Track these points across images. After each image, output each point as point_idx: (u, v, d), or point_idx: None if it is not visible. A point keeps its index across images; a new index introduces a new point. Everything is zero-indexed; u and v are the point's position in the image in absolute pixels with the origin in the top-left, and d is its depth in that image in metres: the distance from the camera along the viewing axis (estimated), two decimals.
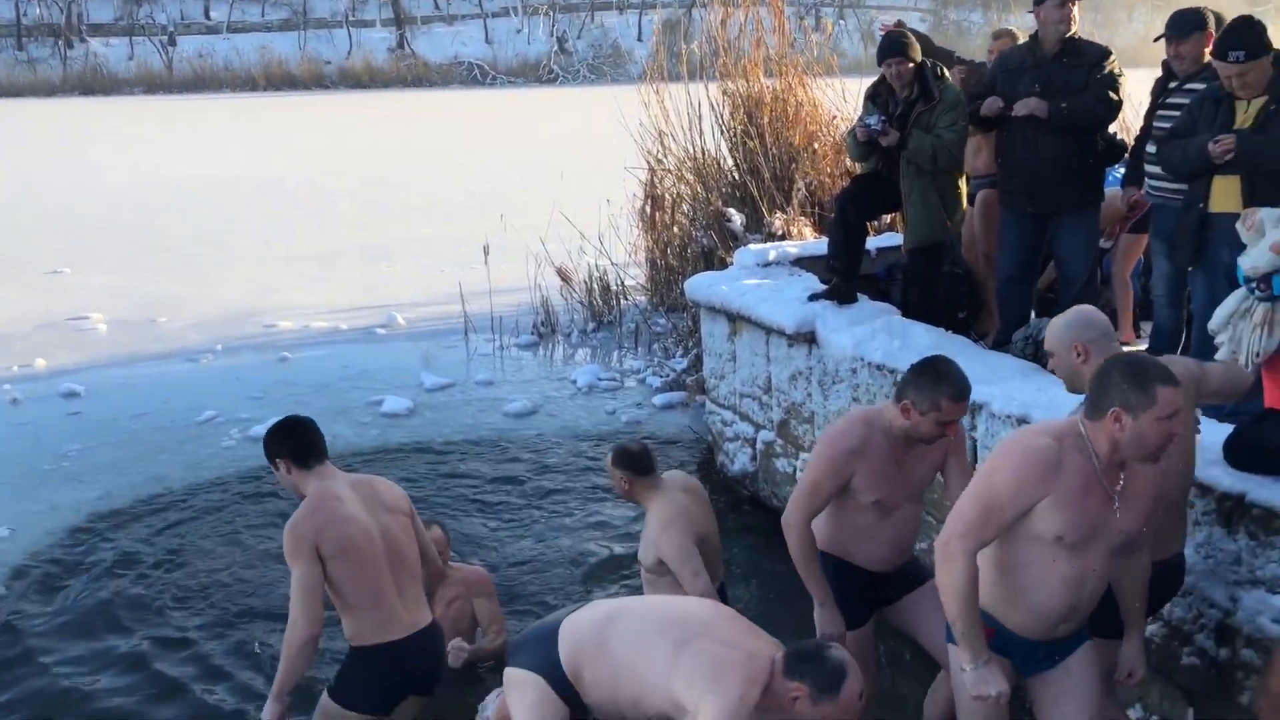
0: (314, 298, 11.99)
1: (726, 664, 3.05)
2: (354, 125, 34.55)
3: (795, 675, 3.08)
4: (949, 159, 5.50)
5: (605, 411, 8.08)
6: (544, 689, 3.33)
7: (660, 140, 9.72)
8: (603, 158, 13.38)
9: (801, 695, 3.06)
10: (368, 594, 3.67)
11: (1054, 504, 2.92)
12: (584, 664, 3.27)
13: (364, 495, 3.78)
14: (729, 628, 3.24)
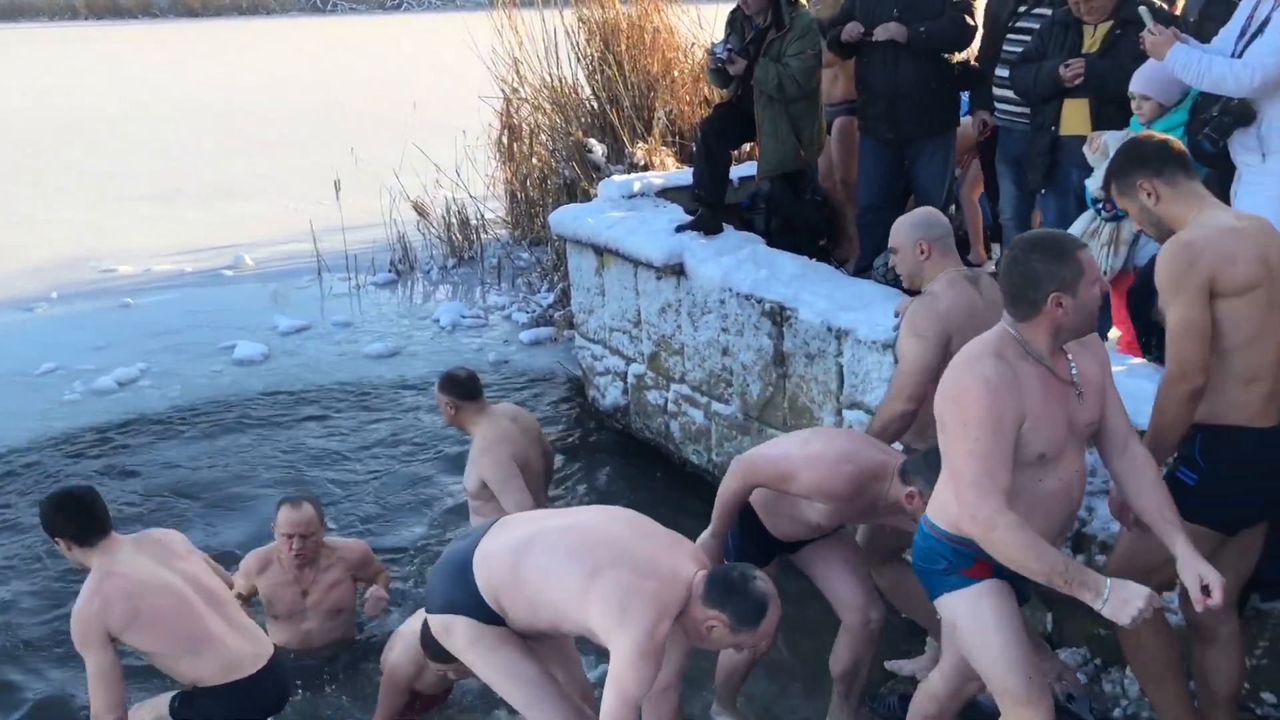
0: (155, 239, 11.39)
1: (638, 595, 2.99)
2: (186, 55, 32.72)
3: (716, 605, 3.04)
4: (795, 88, 5.50)
5: (471, 350, 7.93)
6: (474, 626, 3.24)
7: (515, 69, 9.48)
8: (456, 87, 13.02)
9: (719, 625, 3.05)
10: (192, 642, 3.59)
11: (1030, 424, 2.72)
12: (501, 594, 3.19)
13: (153, 554, 3.68)
14: (646, 548, 3.14)
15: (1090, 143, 4.41)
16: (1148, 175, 3.00)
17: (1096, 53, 4.70)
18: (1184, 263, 2.90)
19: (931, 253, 3.70)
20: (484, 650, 3.25)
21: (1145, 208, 3.05)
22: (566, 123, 8.86)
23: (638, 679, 2.96)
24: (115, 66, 29.75)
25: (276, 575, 4.38)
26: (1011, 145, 5.37)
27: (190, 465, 6.22)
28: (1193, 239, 2.93)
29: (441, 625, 3.32)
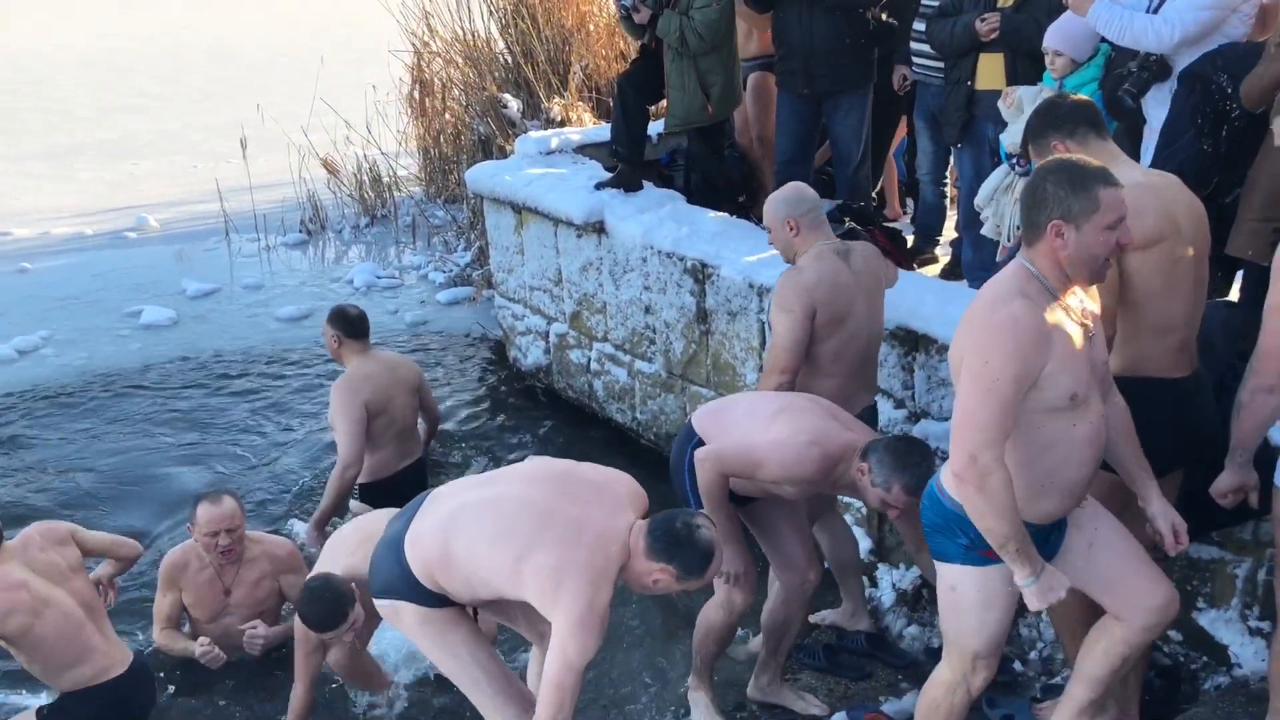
0: (51, 200, 10.95)
1: (570, 570, 2.94)
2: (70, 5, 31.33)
3: (662, 558, 3.00)
4: (698, 40, 5.44)
5: (387, 312, 7.78)
6: (420, 611, 3.20)
7: (426, 21, 9.24)
8: (364, 40, 12.69)
9: (665, 577, 3.02)
10: (73, 653, 3.71)
11: (1057, 365, 2.61)
12: (436, 574, 3.15)
13: (47, 573, 3.75)
14: (572, 511, 3.05)
15: (1004, 97, 4.46)
16: (1061, 136, 3.09)
17: (1011, 7, 4.75)
18: None
19: (800, 229, 3.83)
20: (432, 634, 3.22)
21: None
22: (480, 77, 8.69)
23: (580, 649, 2.94)
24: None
25: (197, 575, 4.18)
26: (928, 100, 5.41)
27: (96, 436, 6.05)
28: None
29: (389, 609, 3.27)
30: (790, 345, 3.71)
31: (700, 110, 5.60)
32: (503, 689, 3.24)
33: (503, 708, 3.23)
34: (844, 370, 3.82)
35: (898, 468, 3.26)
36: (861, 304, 3.82)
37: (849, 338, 3.79)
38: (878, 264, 3.96)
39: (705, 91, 5.55)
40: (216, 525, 4.05)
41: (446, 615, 3.21)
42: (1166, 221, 2.97)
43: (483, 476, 3.46)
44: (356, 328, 5.02)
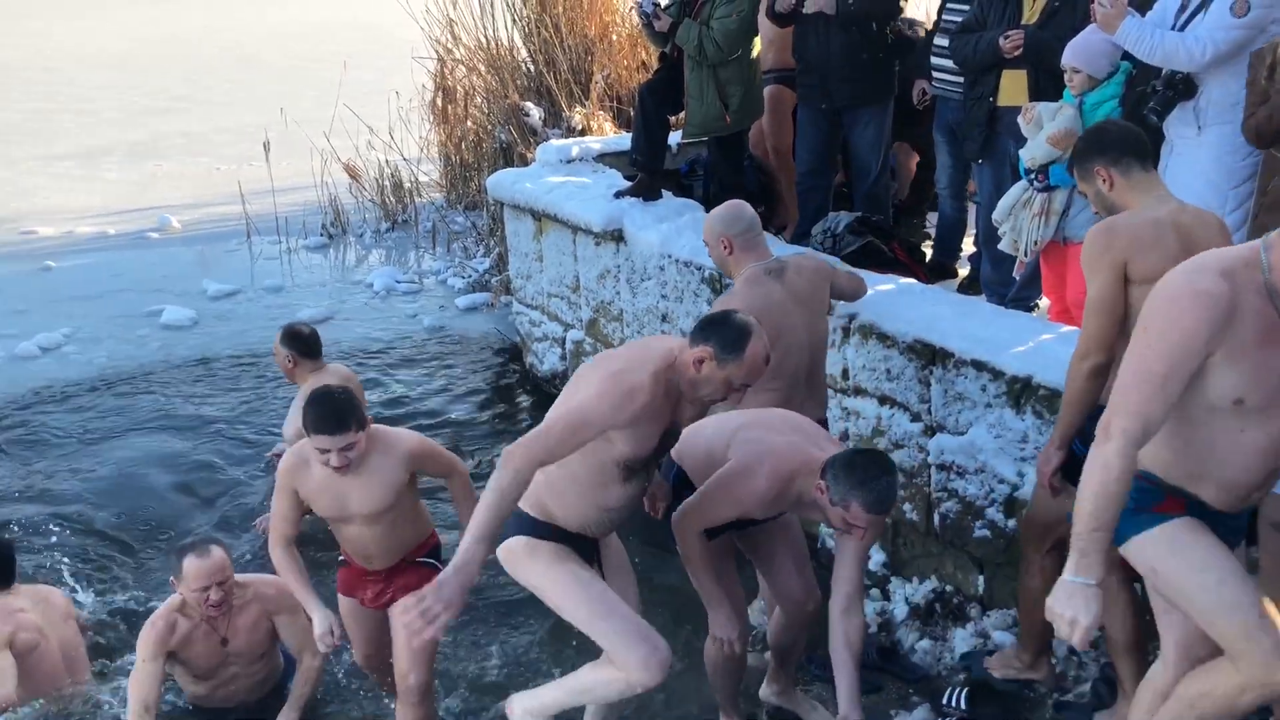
0: (77, 200, 11.07)
1: (624, 369, 2.96)
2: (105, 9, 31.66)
3: (700, 339, 3.01)
4: (715, 50, 5.48)
5: (406, 316, 7.82)
6: (529, 543, 3.18)
7: (450, 29, 9.31)
8: (388, 47, 12.78)
9: (707, 357, 2.98)
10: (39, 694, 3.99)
11: (1226, 360, 2.39)
12: (542, 494, 3.13)
13: (42, 611, 4.08)
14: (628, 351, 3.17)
15: (1024, 113, 4.46)
16: (1105, 163, 3.12)
17: (1036, 24, 4.74)
18: (1100, 246, 3.04)
19: (733, 248, 3.90)
20: (543, 567, 3.17)
21: (1100, 192, 3.19)
22: (502, 85, 8.74)
23: (599, 395, 2.89)
24: (35, 19, 28.70)
25: (188, 631, 3.84)
26: (948, 115, 5.41)
27: (112, 434, 6.08)
28: (1114, 225, 3.06)
29: (504, 552, 3.22)
30: None
31: (718, 120, 5.62)
32: (624, 617, 3.13)
33: (621, 635, 3.09)
34: (784, 384, 3.83)
35: (854, 484, 3.11)
36: (798, 318, 3.85)
37: (785, 351, 3.77)
38: (817, 278, 3.98)
39: (724, 101, 5.57)
40: (206, 580, 3.71)
41: (555, 547, 3.18)
42: (1174, 262, 2.87)
43: None
44: (311, 347, 4.95)
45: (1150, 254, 2.94)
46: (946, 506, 4.29)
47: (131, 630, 4.36)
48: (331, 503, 3.58)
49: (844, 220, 5.41)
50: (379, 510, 3.59)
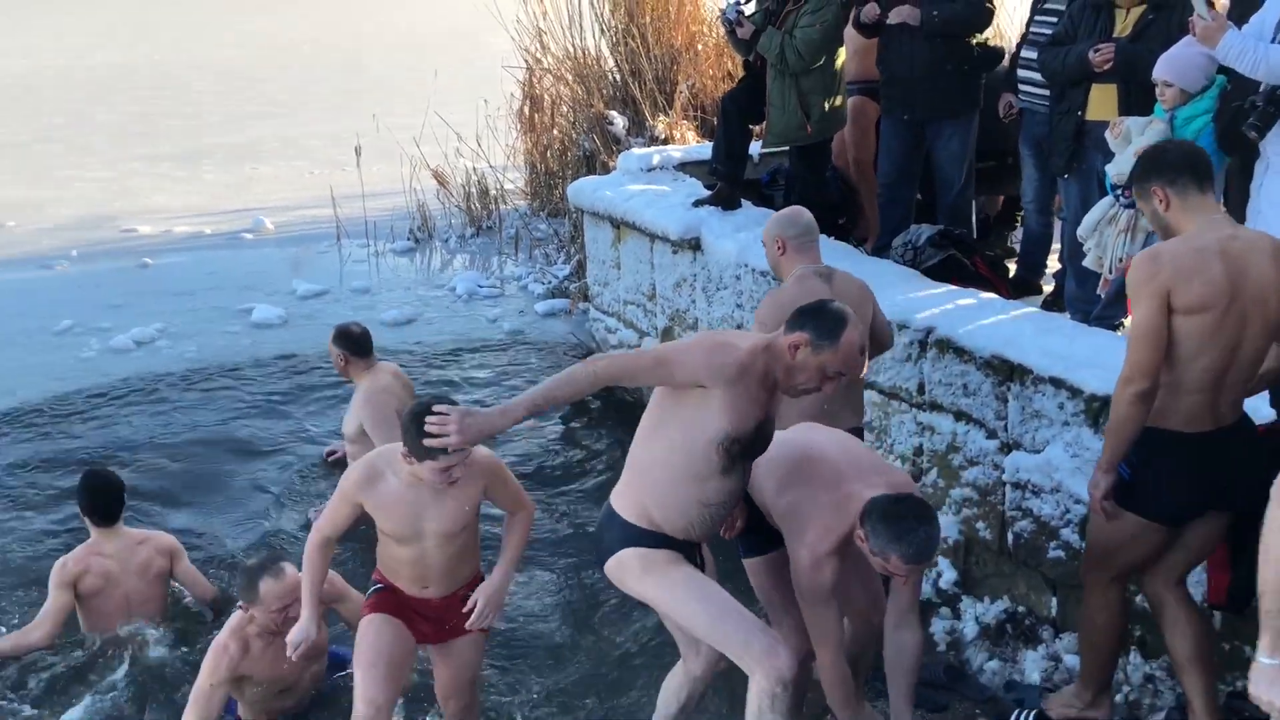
0: (176, 200, 11.44)
1: (722, 334, 3.14)
2: (214, 14, 32.74)
3: (795, 326, 3.06)
4: (796, 58, 5.46)
5: (486, 320, 7.92)
6: (641, 554, 3.18)
7: (539, 39, 9.44)
8: (479, 56, 12.99)
9: (802, 344, 3.03)
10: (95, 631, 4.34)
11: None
12: (647, 501, 3.17)
13: (129, 558, 4.37)
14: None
15: (1112, 127, 4.35)
16: (1163, 183, 3.14)
17: (1127, 37, 4.63)
18: (1146, 274, 3.07)
19: (786, 249, 4.01)
20: (657, 575, 3.17)
21: (1156, 212, 3.21)
22: (588, 94, 8.82)
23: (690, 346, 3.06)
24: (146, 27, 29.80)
25: (263, 653, 3.79)
26: (1035, 127, 5.31)
27: (195, 426, 6.24)
28: (1160, 252, 3.10)
29: (614, 566, 3.24)
30: None
31: (798, 129, 5.60)
32: (744, 619, 3.13)
33: (748, 635, 3.10)
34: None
35: (892, 537, 3.07)
36: None
37: None
38: (863, 292, 4.01)
39: (805, 111, 5.55)
40: (285, 599, 3.68)
41: (668, 554, 3.18)
42: (1218, 291, 3.01)
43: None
44: (362, 346, 5.11)
45: (1193, 283, 2.99)
46: (1021, 526, 4.20)
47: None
48: (404, 519, 3.40)
49: (925, 233, 5.35)
50: (454, 530, 3.46)
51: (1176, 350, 3.05)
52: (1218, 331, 3.03)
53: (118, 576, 4.33)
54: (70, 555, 4.34)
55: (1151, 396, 3.07)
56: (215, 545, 5.13)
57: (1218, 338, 3.03)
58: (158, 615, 4.42)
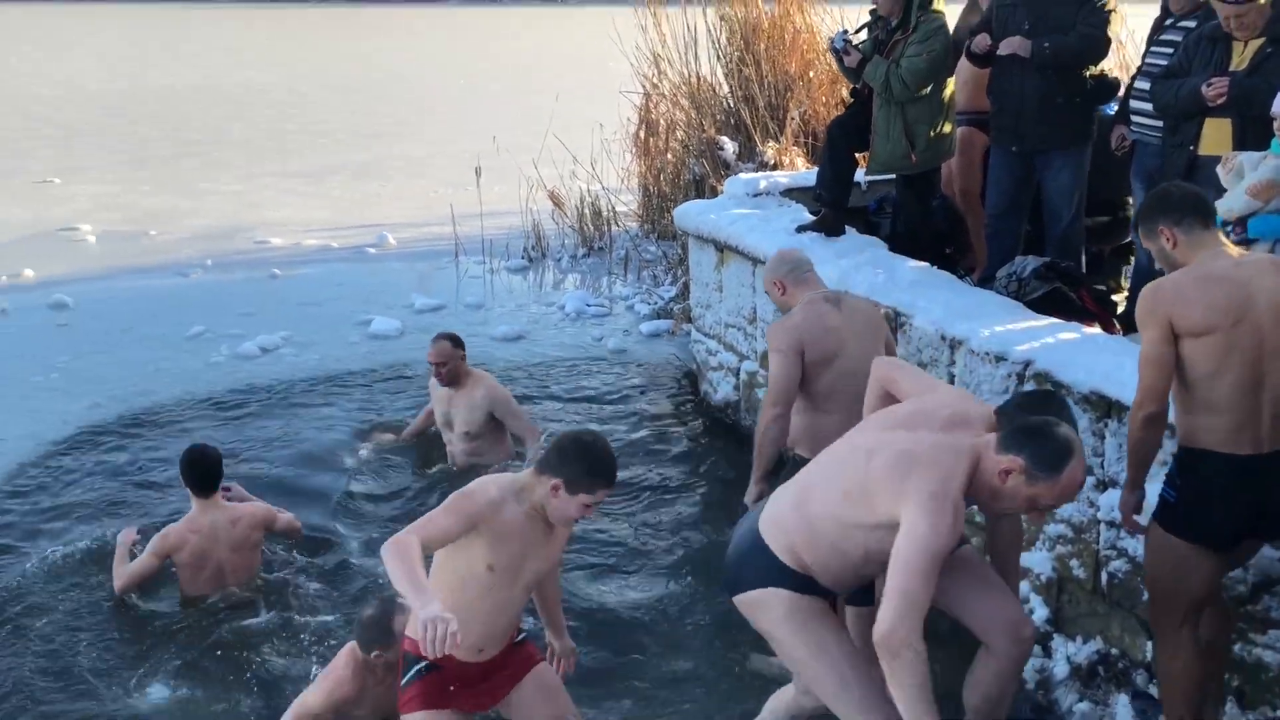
0: (306, 214, 11.95)
1: (917, 461, 2.79)
2: (348, 38, 34.01)
3: (1011, 449, 2.80)
4: (901, 88, 5.47)
5: (592, 338, 8.10)
6: (786, 598, 3.05)
7: (656, 64, 9.62)
8: (598, 80, 13.25)
9: (1015, 470, 2.80)
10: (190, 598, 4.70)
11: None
12: (800, 549, 3.03)
13: (222, 532, 4.66)
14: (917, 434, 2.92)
15: (1224, 163, 4.26)
16: (1169, 223, 3.25)
17: (1244, 70, 4.53)
18: (1149, 304, 3.18)
19: (786, 287, 4.14)
20: (796, 625, 3.05)
21: (1164, 250, 3.30)
22: (701, 119, 8.95)
23: (933, 527, 2.72)
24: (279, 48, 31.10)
25: (374, 685, 3.64)
26: (1147, 159, 5.22)
27: (312, 428, 6.49)
28: (1161, 284, 3.20)
29: (751, 601, 3.13)
30: (781, 379, 3.93)
31: (902, 158, 5.61)
32: (872, 692, 2.99)
33: (870, 712, 3.00)
34: (841, 408, 3.89)
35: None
36: (853, 345, 3.97)
37: (840, 375, 3.93)
38: (871, 311, 4.13)
39: (910, 140, 5.56)
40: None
41: (814, 605, 3.07)
42: (1219, 313, 3.09)
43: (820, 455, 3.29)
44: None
45: (1194, 308, 3.09)
46: (1115, 565, 4.13)
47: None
48: (515, 555, 3.12)
49: (1031, 265, 5.29)
50: (546, 573, 3.29)
51: (1190, 373, 3.14)
52: (1230, 351, 3.10)
53: (212, 549, 4.64)
54: (172, 528, 4.67)
55: (1162, 419, 3.21)
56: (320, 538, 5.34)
57: (1232, 356, 3.10)
58: (249, 582, 4.76)
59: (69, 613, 4.64)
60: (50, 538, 5.25)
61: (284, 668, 4.26)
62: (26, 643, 4.43)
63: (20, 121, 18.06)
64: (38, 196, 12.67)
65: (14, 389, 7.08)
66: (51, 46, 30.96)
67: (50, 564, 4.98)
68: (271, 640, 4.43)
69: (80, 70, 25.21)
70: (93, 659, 4.34)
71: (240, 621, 4.53)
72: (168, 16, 43.41)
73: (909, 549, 2.76)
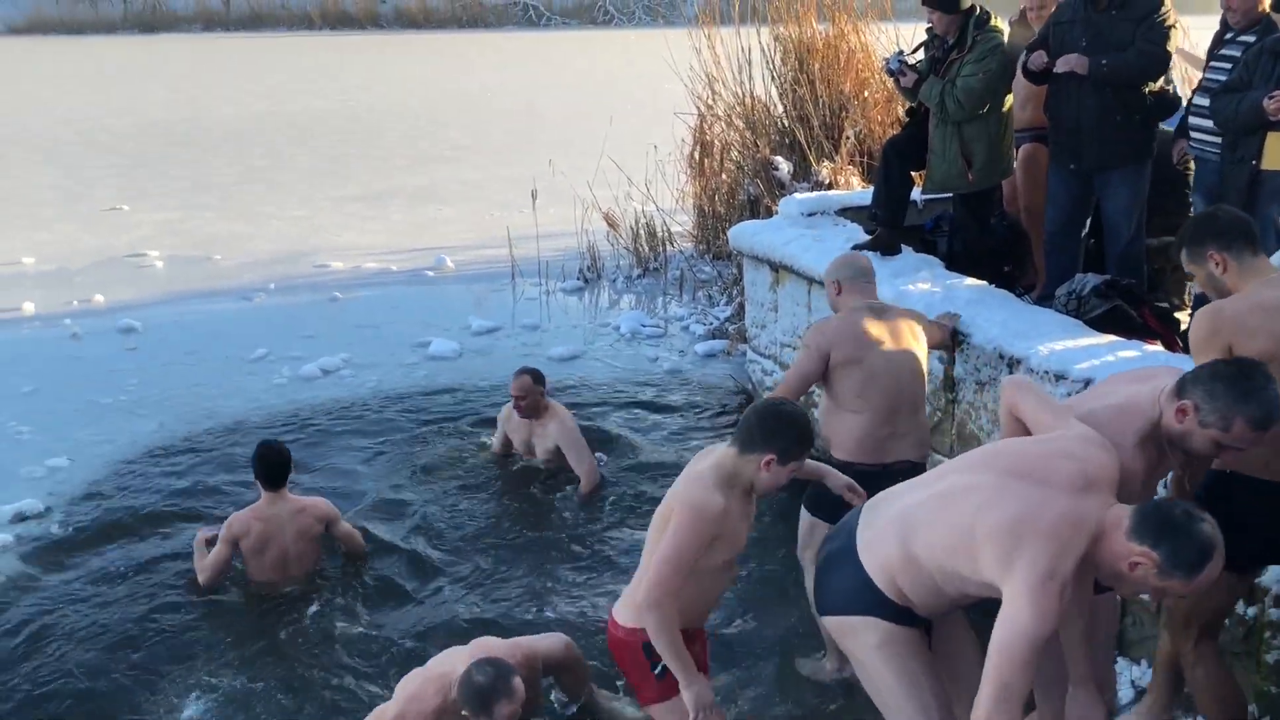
0: (365, 238, 12.13)
1: (1029, 530, 2.63)
2: (407, 65, 34.57)
3: (1146, 540, 2.61)
4: (957, 107, 5.46)
5: (647, 359, 8.12)
6: (882, 627, 2.99)
7: (710, 85, 9.67)
8: (652, 102, 13.34)
9: (1146, 562, 2.62)
10: (256, 584, 4.98)
11: None
12: (899, 579, 2.95)
13: (288, 522, 4.98)
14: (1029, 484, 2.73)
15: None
16: (1219, 247, 3.25)
17: None
18: (1209, 329, 3.19)
19: (842, 289, 4.31)
20: (889, 655, 3.00)
21: (1211, 274, 3.30)
22: (756, 139, 8.98)
23: (1037, 615, 2.58)
24: (342, 76, 31.69)
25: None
26: (1207, 176, 5.16)
27: (371, 450, 6.58)
28: (1220, 309, 3.20)
29: (844, 626, 3.08)
30: (798, 374, 4.18)
31: (959, 177, 5.59)
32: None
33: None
34: (871, 408, 4.02)
35: (1239, 396, 2.78)
36: (888, 345, 4.08)
37: (869, 375, 4.06)
38: (915, 321, 4.30)
39: (966, 159, 5.54)
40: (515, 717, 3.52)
41: (910, 636, 3.01)
42: (1277, 343, 3.06)
43: (922, 477, 3.17)
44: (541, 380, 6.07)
45: (1255, 338, 3.08)
46: None
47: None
48: (738, 540, 3.38)
49: (1091, 282, 5.24)
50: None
51: None
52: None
53: (276, 536, 4.95)
54: (237, 514, 5.00)
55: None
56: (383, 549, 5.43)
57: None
58: (312, 570, 5.06)
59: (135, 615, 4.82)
60: (120, 547, 5.43)
61: (323, 677, 4.42)
62: (93, 640, 4.66)
63: (90, 150, 18.58)
64: (106, 224, 13.01)
65: (85, 410, 7.27)
66: (122, 77, 31.82)
67: (119, 570, 5.22)
68: (323, 643, 4.62)
69: (148, 99, 25.89)
70: (154, 654, 4.58)
71: (295, 623, 4.76)
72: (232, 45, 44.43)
73: (1010, 637, 2.61)
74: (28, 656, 4.57)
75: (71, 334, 8.89)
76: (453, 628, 4.68)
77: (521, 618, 4.79)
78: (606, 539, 5.48)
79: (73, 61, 37.04)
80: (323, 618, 4.81)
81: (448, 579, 5.16)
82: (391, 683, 3.96)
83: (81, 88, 28.75)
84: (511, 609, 4.89)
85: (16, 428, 6.98)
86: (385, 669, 4.43)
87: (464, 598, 4.99)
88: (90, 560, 5.34)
